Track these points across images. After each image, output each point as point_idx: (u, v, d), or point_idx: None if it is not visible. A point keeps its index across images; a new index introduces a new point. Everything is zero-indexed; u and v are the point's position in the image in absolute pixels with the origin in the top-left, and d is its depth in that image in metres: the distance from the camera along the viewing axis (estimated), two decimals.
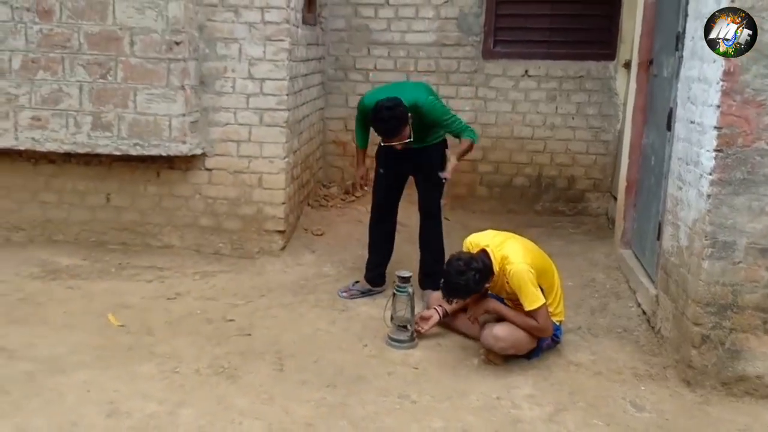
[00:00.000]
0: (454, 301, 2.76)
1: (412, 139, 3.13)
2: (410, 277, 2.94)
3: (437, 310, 2.95)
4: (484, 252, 2.69)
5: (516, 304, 2.74)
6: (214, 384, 2.50)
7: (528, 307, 2.62)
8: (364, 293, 3.44)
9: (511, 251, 2.68)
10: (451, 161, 3.29)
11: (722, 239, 2.44)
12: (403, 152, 3.19)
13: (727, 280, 2.45)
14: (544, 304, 2.63)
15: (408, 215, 4.68)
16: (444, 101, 4.92)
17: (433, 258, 3.36)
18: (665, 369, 2.68)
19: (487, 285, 2.71)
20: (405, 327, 2.89)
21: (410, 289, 2.92)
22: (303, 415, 2.31)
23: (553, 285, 2.79)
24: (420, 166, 3.34)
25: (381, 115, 3.05)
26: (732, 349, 2.48)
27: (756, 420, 2.36)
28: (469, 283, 2.60)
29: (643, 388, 2.56)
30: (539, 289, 2.63)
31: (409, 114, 3.08)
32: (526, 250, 2.73)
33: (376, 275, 3.49)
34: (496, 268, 2.67)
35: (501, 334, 2.63)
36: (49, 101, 3.71)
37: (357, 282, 3.50)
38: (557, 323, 2.80)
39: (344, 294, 3.42)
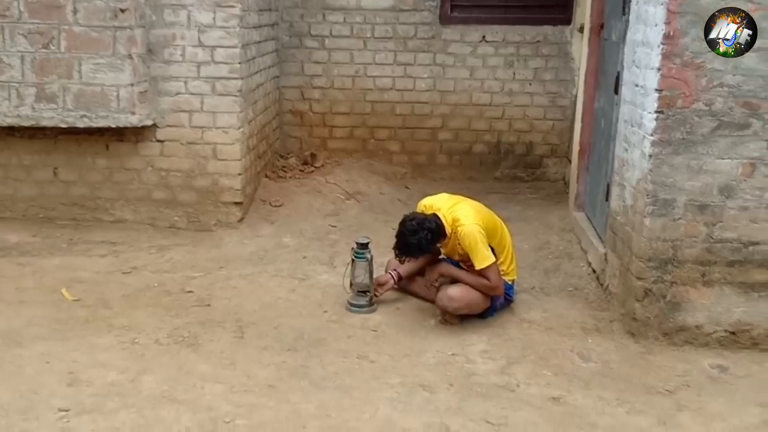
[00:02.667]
0: (407, 259, 2.83)
1: None
2: (368, 243, 2.98)
3: (392, 275, 3.00)
4: (435, 216, 2.76)
5: (469, 266, 2.82)
6: (175, 352, 2.51)
7: (479, 266, 2.71)
8: None
9: (461, 213, 2.76)
10: None
11: (663, 197, 2.55)
12: None
13: (668, 236, 2.58)
14: (494, 262, 2.73)
15: (368, 184, 4.71)
16: (402, 68, 4.95)
17: None
18: (612, 323, 2.82)
19: (439, 245, 2.78)
20: (364, 292, 2.94)
21: (368, 255, 2.95)
22: (264, 377, 2.35)
23: (504, 245, 2.88)
24: None
25: None
26: (673, 301, 2.63)
27: (694, 366, 2.52)
28: (421, 242, 2.69)
29: (590, 340, 2.69)
30: (489, 249, 2.72)
31: None
32: (476, 212, 2.81)
33: None
34: (448, 230, 2.75)
35: (455, 294, 2.71)
36: None
37: None
38: (510, 282, 2.90)
39: None
